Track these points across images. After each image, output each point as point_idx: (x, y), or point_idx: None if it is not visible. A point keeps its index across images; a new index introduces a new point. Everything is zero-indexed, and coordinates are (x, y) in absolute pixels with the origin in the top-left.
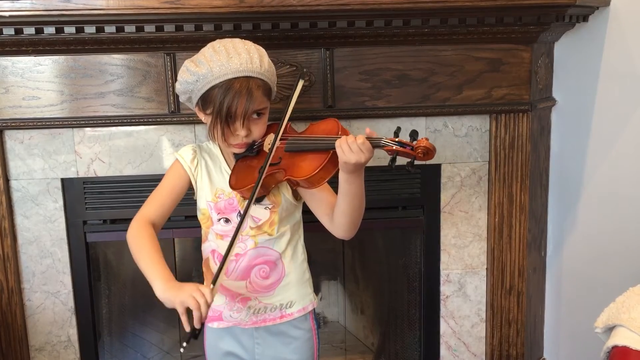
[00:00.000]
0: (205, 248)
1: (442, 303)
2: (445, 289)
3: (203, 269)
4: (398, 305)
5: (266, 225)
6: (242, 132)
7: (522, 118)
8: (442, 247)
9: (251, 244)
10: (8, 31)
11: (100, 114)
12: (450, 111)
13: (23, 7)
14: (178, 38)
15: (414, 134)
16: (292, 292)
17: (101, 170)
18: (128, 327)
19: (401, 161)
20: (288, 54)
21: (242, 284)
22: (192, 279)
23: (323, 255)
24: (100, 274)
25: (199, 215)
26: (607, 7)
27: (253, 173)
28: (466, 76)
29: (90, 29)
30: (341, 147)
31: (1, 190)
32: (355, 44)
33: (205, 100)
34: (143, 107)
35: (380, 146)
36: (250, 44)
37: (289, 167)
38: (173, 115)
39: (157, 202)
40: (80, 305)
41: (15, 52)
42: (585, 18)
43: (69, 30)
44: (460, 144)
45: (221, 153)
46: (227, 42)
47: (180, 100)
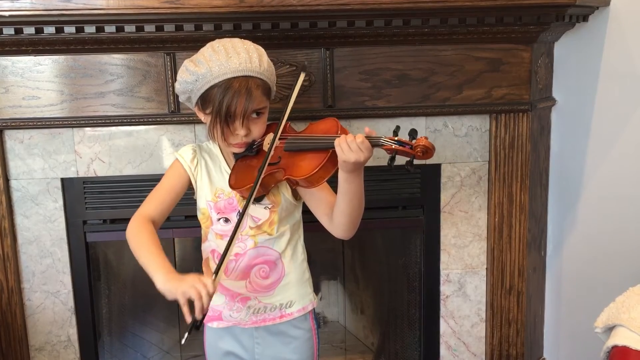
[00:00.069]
0: (205, 248)
1: (442, 303)
2: (445, 289)
3: (203, 269)
4: (398, 305)
5: (266, 225)
6: (242, 132)
7: (522, 118)
8: (442, 247)
9: (251, 244)
10: (8, 31)
11: (100, 114)
12: (450, 111)
13: (23, 7)
14: (178, 38)
15: (413, 133)
16: (292, 292)
17: (101, 170)
18: (128, 327)
19: (401, 160)
20: (288, 54)
21: (242, 284)
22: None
23: (323, 255)
24: (100, 274)
25: (199, 215)
26: (607, 7)
27: (252, 173)
28: (466, 76)
29: (90, 29)
30: (340, 146)
31: (1, 190)
32: (355, 44)
33: (204, 99)
34: (143, 107)
35: (379, 145)
36: (249, 44)
37: (288, 167)
38: (173, 115)
39: (157, 200)
40: (80, 305)
41: (15, 52)
42: (585, 18)
43: (69, 30)
44: (460, 144)
45: (221, 153)
46: (227, 42)
47: (180, 100)
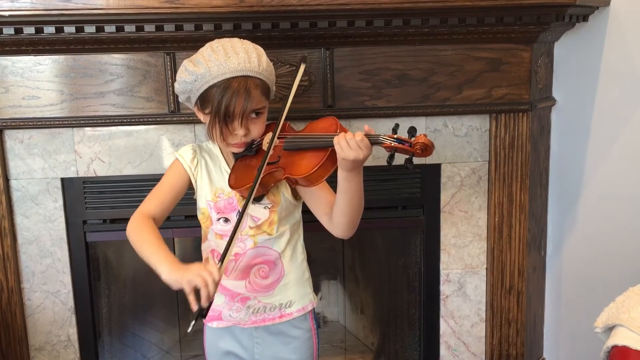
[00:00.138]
0: (205, 248)
1: (442, 303)
2: (445, 289)
3: None
4: (398, 305)
5: (265, 224)
6: (241, 132)
7: (522, 118)
8: (442, 247)
9: (250, 244)
10: (8, 31)
11: (100, 114)
12: (450, 111)
13: (23, 7)
14: (178, 38)
15: (412, 131)
16: (292, 292)
17: (101, 169)
18: (128, 327)
19: (400, 159)
20: (288, 54)
21: (242, 284)
22: None
23: (323, 254)
24: (100, 274)
25: (199, 215)
26: (607, 7)
27: (252, 172)
28: (466, 76)
29: (90, 29)
30: (339, 144)
31: (1, 189)
32: (355, 44)
33: (203, 99)
34: (143, 107)
35: (378, 143)
36: (248, 44)
37: (288, 166)
38: (173, 114)
39: (157, 199)
40: (80, 304)
41: (15, 52)
42: (585, 18)
43: (69, 29)
44: (460, 144)
45: (221, 153)
46: (226, 42)
47: (179, 100)
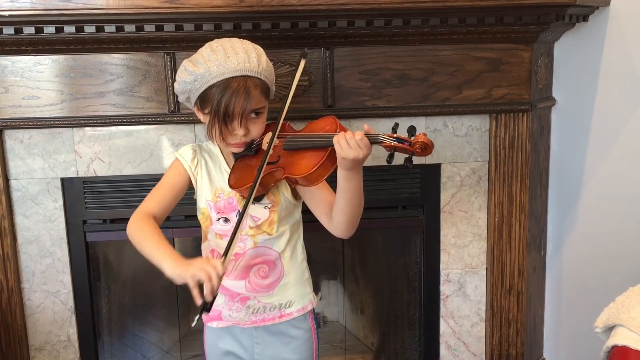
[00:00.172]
0: (204, 248)
1: (442, 303)
2: (445, 289)
3: None
4: (398, 305)
5: (265, 224)
6: (240, 132)
7: (522, 118)
8: (442, 247)
9: (250, 244)
10: (8, 30)
11: (100, 114)
12: (450, 111)
13: (23, 7)
14: (178, 38)
15: (412, 130)
16: (291, 292)
17: (101, 169)
18: (128, 327)
19: (400, 159)
20: (288, 54)
21: (241, 284)
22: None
23: (323, 254)
24: (100, 274)
25: (199, 215)
26: (607, 7)
27: (252, 172)
28: (466, 76)
29: (90, 29)
30: (339, 143)
31: (1, 189)
32: (355, 44)
33: (203, 99)
34: (143, 107)
35: (378, 142)
36: (248, 44)
37: (288, 165)
38: (173, 114)
39: (158, 198)
40: (80, 304)
41: (15, 52)
42: (585, 18)
43: (69, 29)
44: (460, 144)
45: (221, 153)
46: (225, 42)
47: (179, 100)
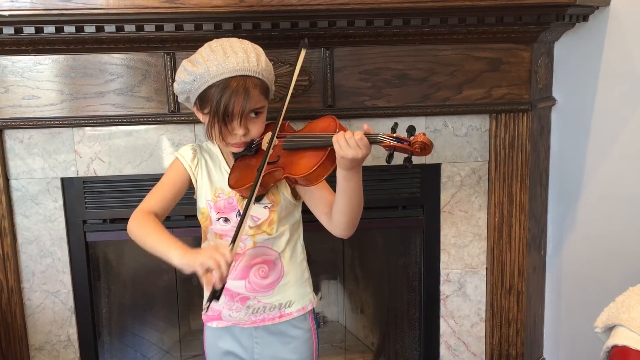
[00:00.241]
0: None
1: (442, 303)
2: (445, 289)
3: None
4: (398, 304)
5: (265, 224)
6: (240, 131)
7: (522, 118)
8: (442, 247)
9: (250, 244)
10: (8, 30)
11: (100, 114)
12: (450, 111)
13: (23, 7)
14: (178, 37)
15: (411, 130)
16: (291, 292)
17: (101, 169)
18: (128, 327)
19: (400, 159)
20: (288, 54)
21: (241, 284)
22: (192, 279)
23: (323, 254)
24: (100, 274)
25: (199, 215)
26: (607, 7)
27: (252, 172)
28: (466, 76)
29: (90, 29)
30: (339, 142)
31: (1, 189)
32: (355, 44)
33: (202, 99)
34: (143, 107)
35: (377, 142)
36: (247, 43)
37: (287, 165)
38: (173, 114)
39: (158, 196)
40: (80, 304)
41: (15, 52)
42: (585, 18)
43: (69, 29)
44: (460, 144)
45: (221, 153)
46: (224, 42)
47: (178, 100)
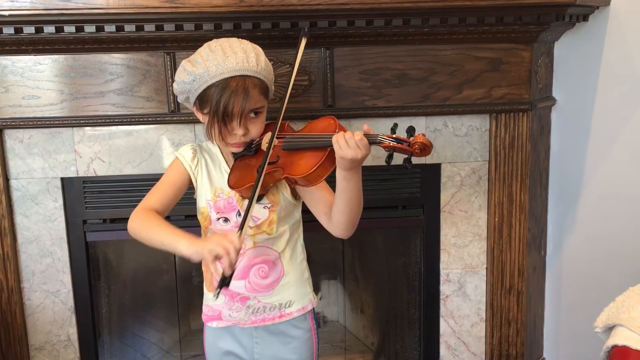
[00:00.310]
0: None
1: (442, 302)
2: (445, 289)
3: (202, 269)
4: (398, 304)
5: (265, 224)
6: (240, 131)
7: (522, 117)
8: (442, 247)
9: (250, 244)
10: (8, 30)
11: (100, 113)
12: (450, 111)
13: (23, 7)
14: (178, 37)
15: (411, 130)
16: (291, 292)
17: (101, 169)
18: (128, 327)
19: (400, 159)
20: (288, 54)
21: (241, 284)
22: (192, 279)
23: (323, 254)
24: (100, 274)
25: (198, 215)
26: (607, 7)
27: (252, 172)
28: (466, 76)
29: (90, 28)
30: (338, 142)
31: (1, 189)
32: (355, 44)
33: (202, 99)
34: (143, 107)
35: (376, 142)
36: (246, 43)
37: (287, 166)
38: (173, 114)
39: (159, 195)
40: (80, 304)
41: (15, 51)
42: (585, 18)
43: (69, 29)
44: (460, 144)
45: (221, 153)
46: (224, 42)
47: (178, 100)
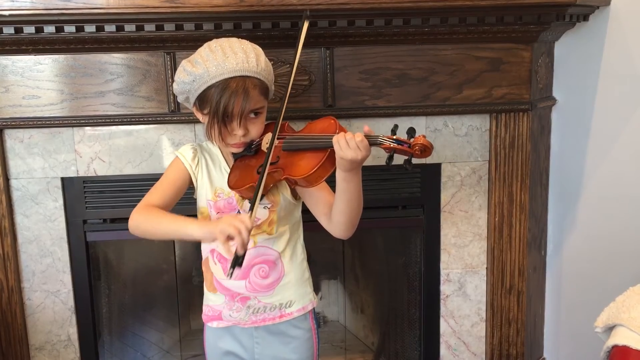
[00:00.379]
0: (204, 248)
1: (442, 302)
2: (445, 289)
3: (202, 269)
4: (398, 304)
5: (265, 224)
6: (240, 132)
7: (522, 117)
8: (442, 247)
9: (250, 244)
10: (8, 30)
11: (100, 113)
12: (450, 110)
13: (23, 6)
14: (178, 37)
15: (411, 132)
16: (292, 292)
17: (101, 169)
18: (128, 326)
19: (400, 160)
20: (288, 53)
21: (242, 284)
22: (192, 279)
23: (323, 254)
24: (100, 273)
25: (198, 215)
26: (608, 7)
27: (252, 172)
28: (466, 75)
29: (90, 28)
30: (339, 143)
31: (1, 189)
32: (355, 43)
33: (202, 100)
34: (143, 106)
35: (377, 144)
36: (246, 43)
37: (287, 166)
38: (173, 114)
39: (160, 193)
40: (80, 304)
41: (15, 51)
42: (585, 17)
43: (69, 29)
44: (460, 144)
45: (221, 152)
46: (224, 42)
47: (178, 100)
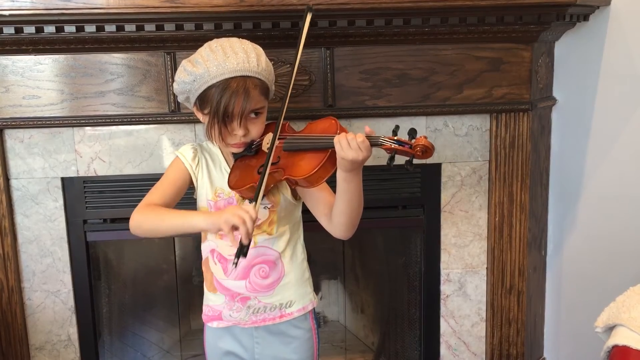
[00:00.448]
0: (204, 248)
1: (442, 302)
2: (445, 289)
3: (203, 269)
4: (398, 304)
5: (265, 224)
6: (240, 132)
7: (523, 117)
8: (442, 247)
9: (250, 244)
10: (8, 30)
11: (100, 113)
12: (450, 110)
13: (23, 6)
14: (178, 37)
15: (413, 133)
16: (292, 292)
17: (101, 169)
18: (128, 326)
19: (400, 160)
20: (288, 53)
21: (242, 284)
22: (192, 279)
23: (323, 254)
24: (100, 273)
25: None
26: (608, 7)
27: (252, 173)
28: (466, 75)
29: (90, 28)
30: (340, 143)
31: (1, 189)
32: (355, 43)
33: (202, 100)
34: (143, 106)
35: (378, 145)
36: (247, 43)
37: (288, 167)
38: (173, 114)
39: (160, 192)
40: (80, 304)
41: (15, 51)
42: (585, 17)
43: (69, 29)
44: (460, 144)
45: (221, 152)
46: (224, 42)
47: (178, 100)
